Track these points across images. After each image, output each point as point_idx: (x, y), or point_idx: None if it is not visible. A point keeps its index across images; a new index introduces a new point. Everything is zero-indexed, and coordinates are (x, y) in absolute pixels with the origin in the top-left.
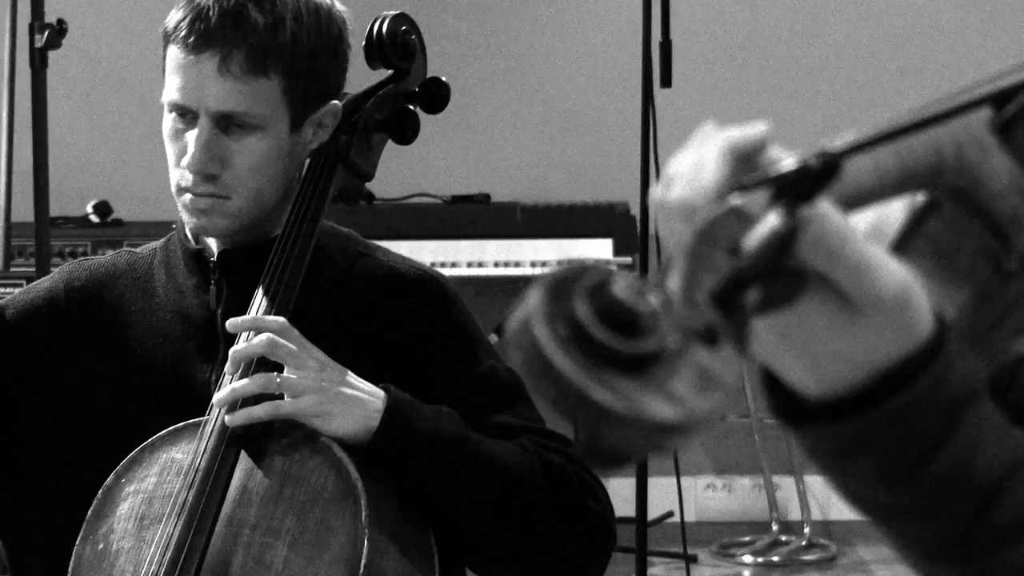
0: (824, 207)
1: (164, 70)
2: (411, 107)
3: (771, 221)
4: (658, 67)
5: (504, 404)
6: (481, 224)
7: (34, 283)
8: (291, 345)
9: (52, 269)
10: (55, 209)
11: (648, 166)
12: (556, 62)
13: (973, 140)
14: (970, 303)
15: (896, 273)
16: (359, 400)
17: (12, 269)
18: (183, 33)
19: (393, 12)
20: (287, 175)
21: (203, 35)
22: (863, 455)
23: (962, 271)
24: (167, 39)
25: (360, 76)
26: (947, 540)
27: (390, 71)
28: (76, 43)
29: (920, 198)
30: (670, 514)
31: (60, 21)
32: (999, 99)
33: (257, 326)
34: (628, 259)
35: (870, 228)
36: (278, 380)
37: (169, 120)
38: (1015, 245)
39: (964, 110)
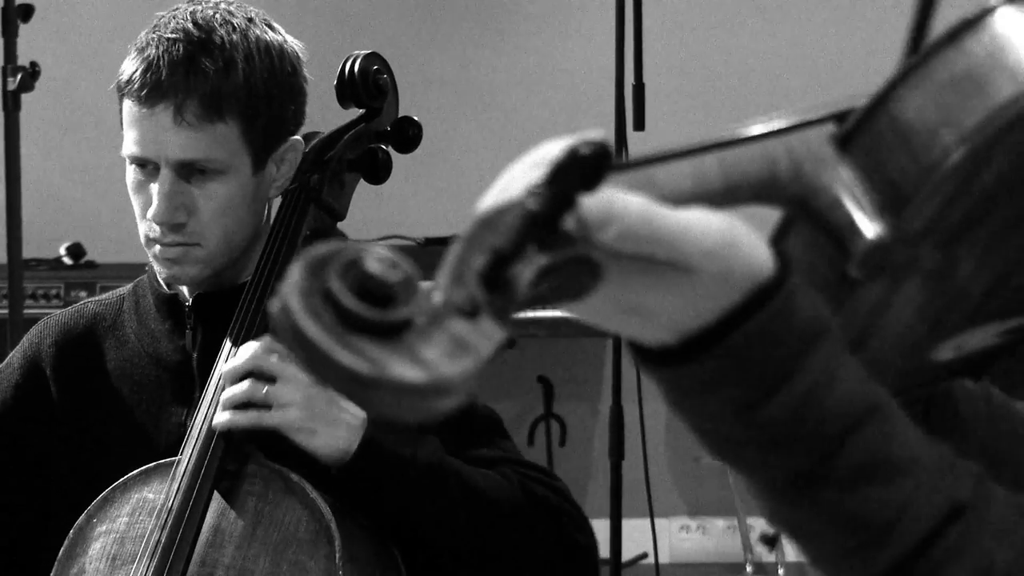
0: (619, 196)
1: (122, 123)
2: (383, 147)
3: (526, 202)
4: (631, 110)
5: (482, 440)
6: None
7: (7, 358)
8: (276, 358)
9: (24, 311)
10: (28, 251)
11: None
12: (530, 104)
13: (810, 153)
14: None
15: (713, 224)
16: (342, 420)
17: None
18: (136, 86)
19: (364, 52)
20: (255, 216)
21: (155, 87)
22: (715, 391)
23: (819, 286)
24: (121, 92)
25: (332, 115)
26: (793, 479)
27: (361, 110)
28: (49, 86)
29: (778, 216)
30: (644, 555)
31: (33, 64)
32: (840, 117)
33: (233, 373)
34: None
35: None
36: (265, 390)
37: (131, 173)
38: (852, 253)
39: (807, 126)
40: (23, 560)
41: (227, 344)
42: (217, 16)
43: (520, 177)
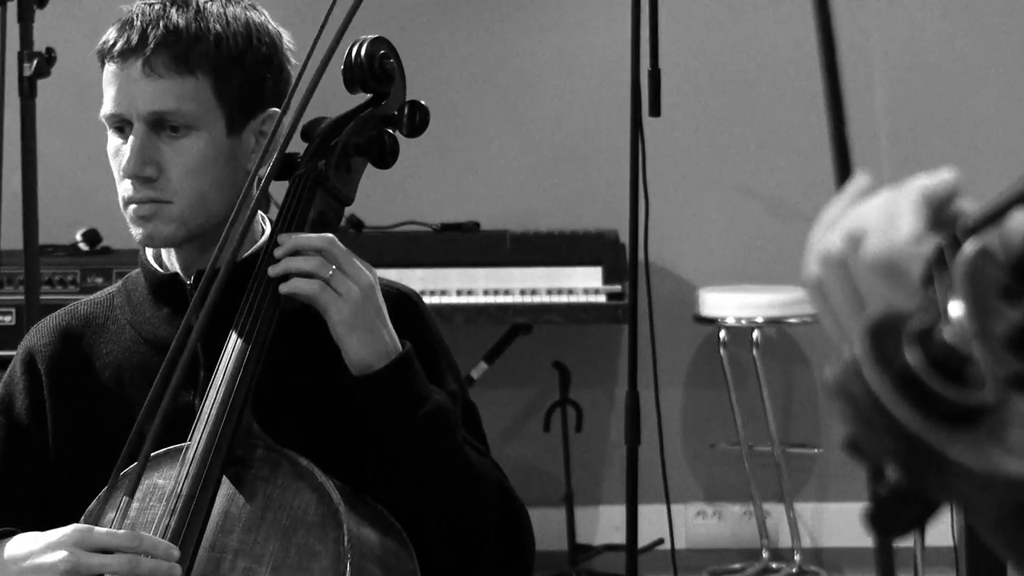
0: None
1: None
2: (390, 131)
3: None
4: (647, 96)
5: (466, 428)
6: (470, 252)
7: (9, 368)
8: (345, 251)
9: (41, 296)
10: (44, 237)
11: (637, 194)
12: (545, 90)
13: None
14: None
15: None
16: (381, 334)
17: (1, 297)
18: (109, 46)
19: (371, 36)
20: (231, 181)
21: (127, 43)
22: None
23: None
24: (101, 58)
25: (339, 100)
26: None
27: (368, 95)
28: (65, 71)
29: None
30: (660, 541)
31: (49, 50)
32: None
33: (307, 244)
34: (618, 287)
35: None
36: (332, 272)
37: (110, 140)
38: None
39: None
40: None
41: (233, 335)
42: None
43: (908, 221)
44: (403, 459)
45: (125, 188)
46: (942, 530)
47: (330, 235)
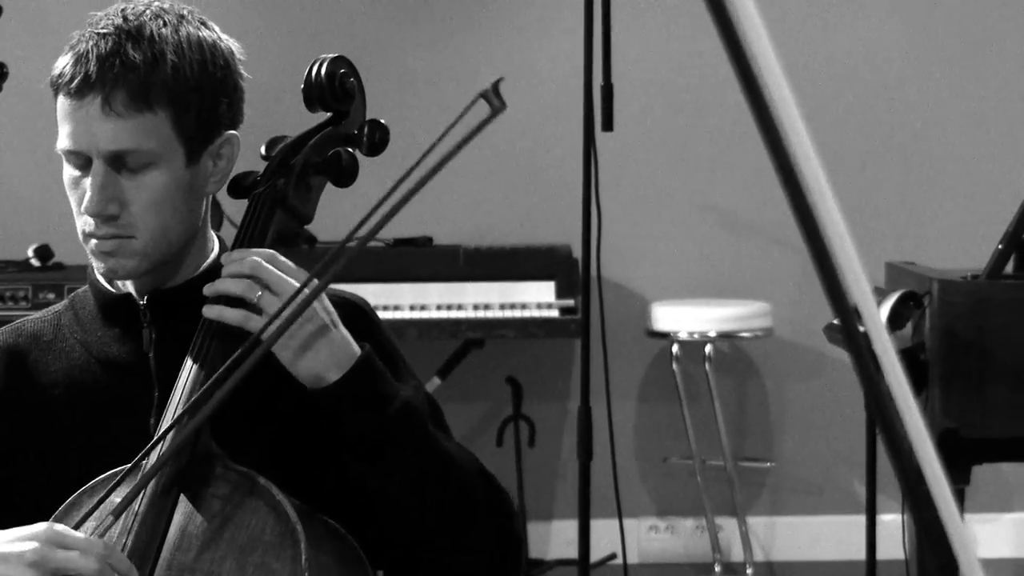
0: None
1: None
2: (350, 150)
3: None
4: (599, 111)
5: (439, 424)
6: (424, 267)
7: None
8: (277, 271)
9: None
10: None
11: (590, 209)
12: None
13: None
14: None
15: None
16: (326, 348)
17: None
18: (66, 80)
19: (331, 55)
20: (191, 209)
21: (84, 79)
22: None
23: None
24: (55, 88)
25: (299, 119)
26: None
27: (328, 114)
28: (17, 87)
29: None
30: (613, 556)
31: (1, 65)
32: None
33: (245, 256)
34: (571, 302)
35: None
36: (260, 295)
37: (67, 169)
38: None
39: None
40: None
41: (188, 361)
42: (148, 12)
43: None
44: (381, 460)
45: (86, 223)
46: (893, 544)
47: (267, 252)
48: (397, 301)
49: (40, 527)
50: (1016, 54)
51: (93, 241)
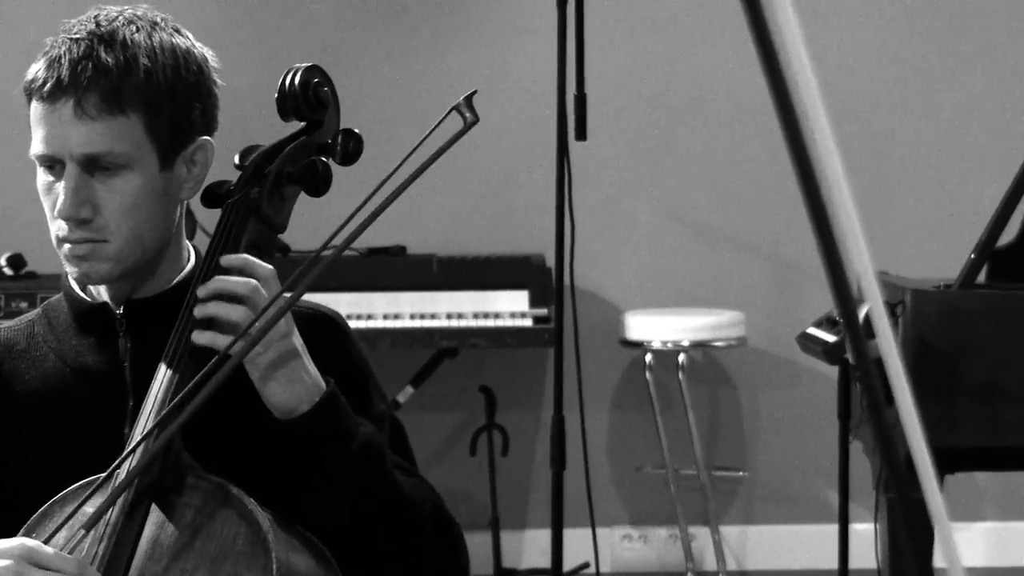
0: None
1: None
2: (324, 159)
3: None
4: (573, 120)
5: (394, 447)
6: (397, 276)
7: None
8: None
9: None
10: None
11: (563, 218)
12: None
13: None
14: None
15: None
16: (301, 378)
17: None
18: (39, 84)
19: (305, 64)
20: (165, 215)
21: (57, 83)
22: None
23: None
24: (28, 94)
25: (273, 128)
26: None
27: (302, 123)
28: None
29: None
30: (586, 565)
31: None
32: None
33: (247, 266)
34: (544, 311)
35: None
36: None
37: (40, 175)
38: None
39: None
40: None
41: (162, 367)
42: (120, 18)
43: None
44: (336, 493)
45: (59, 227)
46: (866, 553)
47: (267, 270)
48: (370, 310)
49: (13, 543)
50: (989, 63)
51: (67, 245)
